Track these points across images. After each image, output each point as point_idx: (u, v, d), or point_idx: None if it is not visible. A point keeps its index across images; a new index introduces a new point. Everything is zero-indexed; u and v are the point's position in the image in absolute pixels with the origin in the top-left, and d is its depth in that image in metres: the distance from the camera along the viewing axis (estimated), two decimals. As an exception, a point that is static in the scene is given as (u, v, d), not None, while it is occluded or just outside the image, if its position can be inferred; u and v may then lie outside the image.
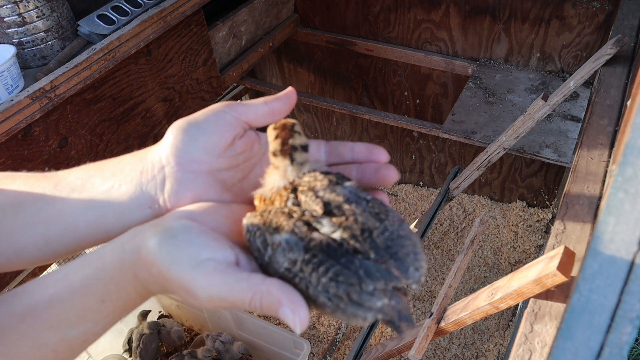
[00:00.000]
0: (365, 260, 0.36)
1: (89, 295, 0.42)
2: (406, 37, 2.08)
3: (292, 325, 0.36)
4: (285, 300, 0.36)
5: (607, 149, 0.99)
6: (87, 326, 0.42)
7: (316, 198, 0.39)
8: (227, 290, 0.38)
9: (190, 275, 0.38)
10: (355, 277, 0.35)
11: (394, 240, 0.37)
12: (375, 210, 0.38)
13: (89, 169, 0.49)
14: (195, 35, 1.61)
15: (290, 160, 0.41)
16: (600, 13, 1.70)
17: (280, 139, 0.42)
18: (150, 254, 0.40)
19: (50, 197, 0.48)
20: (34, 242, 0.47)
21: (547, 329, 0.70)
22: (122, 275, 0.41)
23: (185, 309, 1.95)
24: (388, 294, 0.36)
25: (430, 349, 1.91)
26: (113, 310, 0.43)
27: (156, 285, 0.41)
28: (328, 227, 0.37)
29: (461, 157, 2.36)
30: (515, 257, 2.18)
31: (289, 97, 0.47)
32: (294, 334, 1.65)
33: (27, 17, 1.26)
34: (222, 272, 0.38)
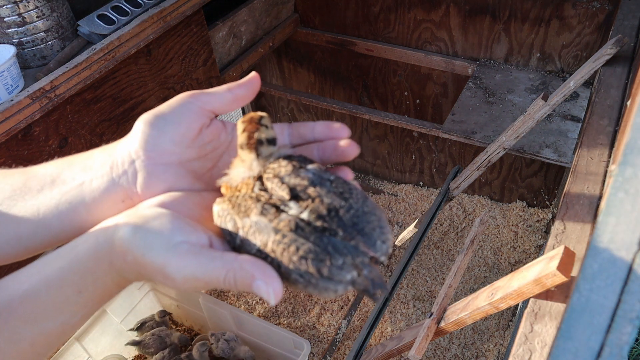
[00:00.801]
0: (332, 238, 0.37)
1: (65, 286, 0.42)
2: (406, 37, 2.08)
3: (267, 297, 0.37)
4: (258, 274, 0.37)
5: (607, 149, 0.99)
6: (65, 317, 0.43)
7: (282, 184, 0.40)
8: (201, 269, 0.39)
9: (165, 258, 0.39)
10: (325, 254, 0.37)
11: (360, 217, 0.38)
12: (339, 190, 0.40)
13: (59, 165, 0.49)
14: (195, 35, 1.61)
15: (256, 154, 0.42)
16: (600, 13, 1.70)
17: (247, 133, 0.42)
18: (124, 242, 0.40)
19: (21, 193, 0.48)
20: (6, 240, 0.48)
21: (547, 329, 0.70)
22: (98, 265, 0.42)
23: (185, 308, 1.95)
24: (358, 267, 0.37)
25: (430, 349, 1.91)
26: (90, 300, 0.43)
27: (132, 273, 0.42)
28: (296, 209, 0.39)
29: (461, 157, 2.36)
30: (515, 257, 2.18)
31: (252, 82, 0.47)
32: (294, 334, 1.65)
33: (27, 17, 1.26)
34: (196, 253, 0.39)
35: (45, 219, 0.47)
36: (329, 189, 0.39)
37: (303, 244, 0.37)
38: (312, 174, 0.40)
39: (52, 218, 0.47)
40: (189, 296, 1.86)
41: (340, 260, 0.37)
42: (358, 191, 0.40)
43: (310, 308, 2.06)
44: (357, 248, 0.37)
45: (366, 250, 0.38)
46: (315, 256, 0.37)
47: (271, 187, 0.40)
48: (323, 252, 0.37)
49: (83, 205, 0.47)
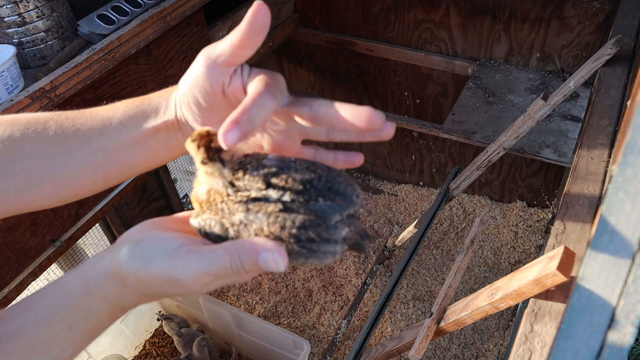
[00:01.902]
0: (317, 204, 0.40)
1: (55, 323, 0.42)
2: (406, 37, 2.08)
3: (275, 265, 0.38)
4: (260, 248, 0.38)
5: (607, 149, 0.99)
6: (54, 354, 0.43)
7: (254, 177, 0.42)
8: (206, 262, 0.39)
9: (169, 263, 0.40)
10: (318, 219, 0.40)
11: (331, 181, 0.42)
12: (304, 166, 0.42)
13: (130, 111, 0.51)
14: (195, 35, 1.61)
15: (221, 163, 0.43)
16: (600, 13, 1.70)
17: (204, 148, 0.43)
18: (123, 266, 0.41)
19: (102, 140, 0.51)
20: (94, 181, 0.52)
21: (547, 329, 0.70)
22: (91, 300, 0.42)
23: (185, 308, 1.95)
24: (346, 223, 0.41)
25: (430, 349, 1.91)
26: (81, 335, 0.44)
27: (134, 297, 0.42)
28: (276, 194, 0.41)
29: (461, 157, 2.36)
30: (515, 257, 2.18)
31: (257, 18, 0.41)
32: (294, 334, 1.65)
33: (27, 17, 1.26)
34: (196, 250, 0.40)
35: (131, 163, 0.52)
36: (296, 168, 0.42)
37: (297, 217, 0.40)
38: (275, 160, 0.42)
39: (138, 162, 0.53)
40: (189, 296, 1.86)
41: (333, 220, 0.40)
42: (319, 163, 0.43)
43: (310, 308, 2.06)
44: (340, 206, 0.41)
45: (346, 205, 0.41)
46: (311, 222, 0.39)
47: (244, 184, 0.42)
48: (317, 217, 0.40)
49: (163, 147, 0.52)
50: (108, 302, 0.43)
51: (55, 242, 1.35)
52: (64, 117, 0.51)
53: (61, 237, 1.37)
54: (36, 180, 0.50)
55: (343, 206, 0.41)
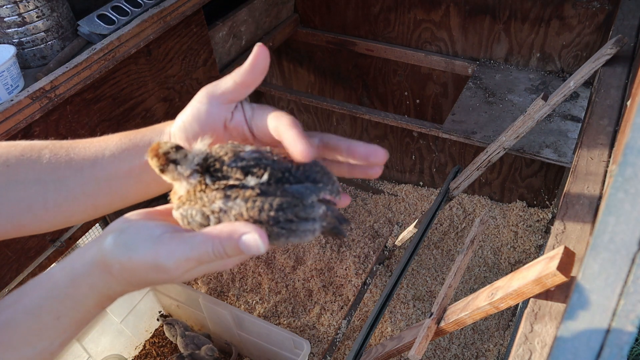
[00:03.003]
0: (293, 186, 0.42)
1: (44, 314, 0.43)
2: (406, 37, 2.08)
3: (256, 245, 0.39)
4: (241, 229, 0.40)
5: (607, 149, 0.99)
6: (44, 344, 0.44)
7: (232, 169, 0.43)
8: (189, 248, 0.40)
9: (153, 250, 0.41)
10: (294, 199, 0.42)
11: (308, 170, 0.43)
12: (281, 156, 0.44)
13: (122, 144, 0.53)
14: (195, 35, 1.61)
15: (174, 164, 0.44)
16: (600, 13, 1.70)
17: (156, 158, 0.44)
18: (108, 255, 0.42)
19: (94, 170, 0.52)
20: (83, 210, 0.53)
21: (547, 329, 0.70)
22: (77, 290, 0.43)
23: (185, 308, 1.95)
24: (323, 203, 0.43)
25: (430, 349, 1.91)
26: (69, 325, 0.45)
27: (119, 285, 0.43)
28: (254, 181, 0.42)
29: (461, 157, 2.36)
30: (515, 257, 2.18)
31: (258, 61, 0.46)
32: (294, 334, 1.65)
33: (27, 17, 1.26)
34: (179, 237, 0.41)
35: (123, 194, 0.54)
36: (273, 158, 0.44)
37: (274, 199, 0.41)
38: (251, 152, 0.44)
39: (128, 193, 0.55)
40: (189, 296, 1.86)
41: (309, 199, 0.42)
42: None
43: (310, 308, 2.06)
44: (316, 187, 0.43)
45: (322, 189, 0.43)
46: (288, 204, 0.41)
47: (222, 174, 0.43)
48: (293, 198, 0.41)
49: (154, 181, 0.53)
50: (95, 291, 0.44)
51: (55, 242, 1.36)
52: (58, 145, 0.53)
53: (61, 237, 1.37)
54: (28, 206, 0.51)
55: (319, 188, 0.43)
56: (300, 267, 2.20)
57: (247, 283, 2.16)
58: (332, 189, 0.44)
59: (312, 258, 2.22)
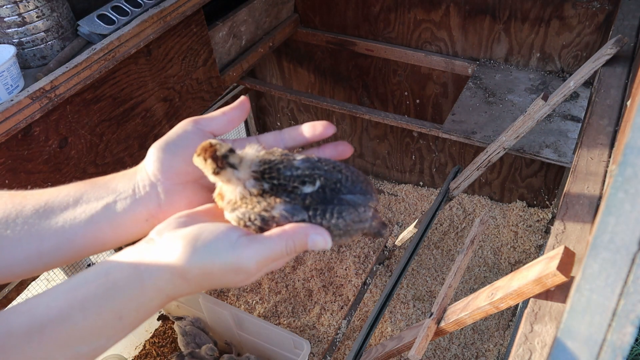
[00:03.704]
0: (346, 196, 0.49)
1: (104, 313, 0.43)
2: (406, 37, 2.08)
3: (323, 244, 0.46)
4: (309, 230, 0.46)
5: (607, 149, 0.99)
6: (101, 342, 0.44)
7: (289, 176, 0.47)
8: (267, 249, 0.44)
9: (235, 254, 0.44)
10: (350, 207, 0.48)
11: (355, 181, 0.50)
12: (330, 166, 0.49)
13: (80, 187, 0.52)
14: (195, 35, 1.60)
15: (231, 167, 0.46)
16: (600, 13, 1.70)
17: (211, 159, 0.45)
18: (187, 261, 0.44)
19: (44, 213, 0.50)
20: (26, 256, 0.50)
21: (547, 329, 0.70)
22: (144, 293, 0.44)
23: (185, 308, 1.95)
24: (370, 210, 0.50)
25: (430, 349, 1.91)
26: (130, 324, 0.45)
27: (189, 288, 0.45)
28: (310, 189, 0.47)
29: (461, 157, 2.36)
30: (515, 257, 2.18)
31: (242, 105, 0.54)
32: (294, 334, 1.65)
33: (27, 17, 1.25)
34: (255, 239, 0.45)
35: (69, 236, 0.50)
36: (322, 168, 0.49)
37: (335, 207, 0.47)
38: (304, 161, 0.49)
39: (76, 235, 0.50)
40: (189, 296, 1.86)
41: (362, 208, 0.49)
42: (338, 162, 0.51)
43: (310, 308, 2.06)
44: (365, 197, 0.49)
45: (370, 199, 0.50)
46: (347, 213, 0.48)
47: (279, 182, 0.47)
48: (349, 206, 0.48)
49: (108, 224, 0.50)
50: (162, 294, 0.45)
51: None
52: None
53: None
54: None
55: (368, 198, 0.50)
56: (300, 267, 2.20)
57: (247, 283, 2.17)
58: (374, 197, 0.51)
59: (312, 258, 2.22)
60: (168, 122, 1.60)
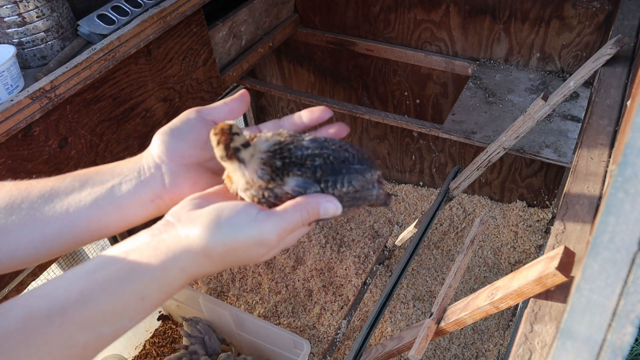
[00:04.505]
0: (352, 165, 0.51)
1: (126, 294, 0.44)
2: (406, 37, 2.08)
3: (335, 210, 0.49)
4: (320, 199, 0.48)
5: (607, 149, 0.99)
6: (123, 323, 0.44)
7: (300, 155, 0.49)
8: (285, 221, 0.47)
9: (257, 228, 0.46)
10: (357, 174, 0.51)
11: (361, 158, 0.53)
12: (337, 145, 0.52)
13: (86, 172, 0.53)
14: (195, 35, 1.60)
15: (239, 162, 0.47)
16: (600, 13, 1.70)
17: (223, 145, 0.46)
18: (211, 239, 0.45)
19: (50, 197, 0.50)
20: (29, 240, 0.50)
21: (547, 329, 0.70)
22: (166, 273, 0.45)
23: (185, 308, 1.95)
24: (376, 178, 0.54)
25: (430, 349, 1.91)
26: (152, 305, 0.46)
27: (213, 266, 0.46)
28: (319, 160, 0.49)
29: (461, 157, 2.36)
30: (515, 257, 2.18)
31: (243, 97, 0.56)
32: (294, 334, 1.65)
33: (27, 17, 1.26)
34: (273, 213, 0.47)
35: (74, 220, 0.50)
36: (329, 146, 0.51)
37: (343, 178, 0.50)
38: (312, 141, 0.51)
39: (80, 218, 0.50)
40: (189, 296, 1.86)
41: (369, 174, 0.52)
42: (344, 142, 0.54)
43: (310, 308, 2.06)
44: (369, 166, 0.53)
45: (376, 169, 0.54)
46: (355, 179, 0.51)
47: (291, 161, 0.49)
48: (357, 174, 0.51)
49: (112, 206, 0.51)
50: (184, 274, 0.46)
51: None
52: None
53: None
54: None
55: (374, 167, 0.54)
56: (300, 267, 2.20)
57: (247, 283, 2.16)
58: (377, 168, 0.54)
59: (312, 258, 2.22)
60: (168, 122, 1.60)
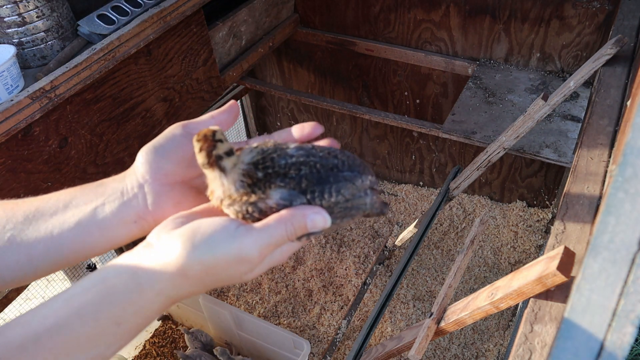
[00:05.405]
0: (341, 172, 0.47)
1: (102, 319, 0.42)
2: (406, 37, 2.08)
3: (323, 222, 0.45)
4: (306, 211, 0.45)
5: (607, 149, 0.99)
6: (99, 350, 0.43)
7: (283, 164, 0.46)
8: (267, 235, 0.44)
9: (236, 244, 0.43)
10: (347, 182, 0.47)
11: (352, 164, 0.49)
12: (325, 152, 0.48)
13: (70, 192, 0.52)
14: (195, 35, 1.60)
15: (220, 171, 0.44)
16: (600, 13, 1.70)
17: (205, 152, 0.44)
18: (187, 257, 0.42)
19: (34, 218, 0.50)
20: (16, 261, 0.49)
21: (547, 329, 0.70)
22: (142, 296, 0.43)
23: (186, 309, 1.95)
24: (368, 180, 0.49)
25: (430, 349, 1.91)
26: (129, 331, 0.44)
27: (191, 287, 0.44)
28: (305, 169, 0.46)
29: (461, 157, 2.36)
30: (515, 257, 2.18)
31: (231, 109, 0.54)
32: (294, 334, 1.65)
33: (27, 17, 1.26)
34: (253, 228, 0.44)
35: (58, 240, 0.49)
36: (316, 153, 0.48)
37: (330, 187, 0.46)
38: (297, 149, 0.47)
39: (65, 239, 0.49)
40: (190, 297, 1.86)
41: (359, 180, 0.48)
42: (333, 149, 0.50)
43: (310, 308, 2.06)
44: (359, 172, 0.48)
45: (367, 174, 0.49)
46: (344, 187, 0.47)
47: (274, 171, 0.46)
48: (346, 182, 0.47)
49: (96, 227, 0.50)
50: (162, 296, 0.44)
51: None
52: None
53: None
54: None
55: (365, 173, 0.49)
56: (300, 267, 2.20)
57: (247, 283, 2.16)
58: (373, 178, 0.50)
59: (312, 258, 2.22)
60: (168, 122, 1.60)
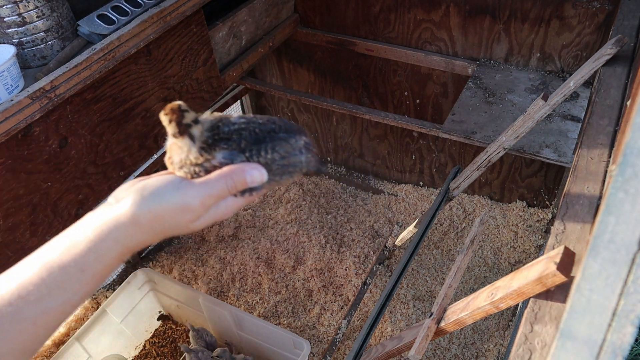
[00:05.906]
0: (277, 134, 0.54)
1: (68, 266, 0.47)
2: (406, 37, 2.08)
3: (260, 177, 0.52)
4: (245, 167, 0.51)
5: (607, 149, 0.99)
6: (67, 295, 0.47)
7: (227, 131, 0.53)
8: (209, 187, 0.50)
9: (180, 194, 0.49)
10: (283, 141, 0.54)
11: (288, 128, 0.56)
12: (265, 119, 0.55)
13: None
14: (195, 35, 1.60)
15: (190, 138, 0.51)
16: (600, 13, 1.70)
17: (175, 122, 0.50)
18: (138, 207, 0.48)
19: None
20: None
21: (547, 329, 0.70)
22: (102, 244, 0.48)
23: (186, 308, 1.95)
24: (302, 140, 0.56)
25: (430, 349, 1.91)
26: (92, 277, 0.49)
27: (144, 235, 0.49)
28: (247, 133, 0.53)
29: (461, 157, 2.36)
30: (515, 257, 2.18)
31: None
32: (294, 334, 1.65)
33: (27, 17, 1.26)
34: (196, 181, 0.51)
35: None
36: (258, 122, 0.55)
37: (266, 145, 0.53)
38: (240, 117, 0.54)
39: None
40: (189, 296, 1.86)
41: (293, 140, 0.55)
42: (274, 117, 0.56)
43: (310, 308, 2.06)
44: (295, 133, 0.56)
45: (303, 135, 0.56)
46: (280, 145, 0.54)
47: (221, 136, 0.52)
48: (281, 141, 0.54)
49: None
50: (118, 244, 0.49)
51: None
52: None
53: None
54: None
55: (300, 134, 0.56)
56: (300, 267, 2.20)
57: (247, 283, 2.16)
58: (308, 139, 0.56)
59: (312, 258, 2.22)
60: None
